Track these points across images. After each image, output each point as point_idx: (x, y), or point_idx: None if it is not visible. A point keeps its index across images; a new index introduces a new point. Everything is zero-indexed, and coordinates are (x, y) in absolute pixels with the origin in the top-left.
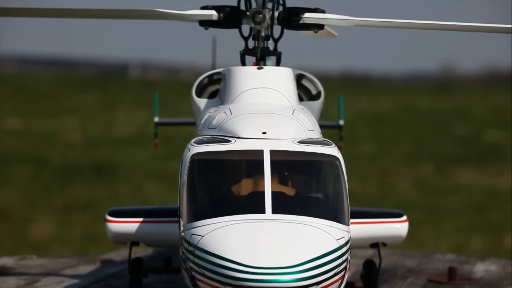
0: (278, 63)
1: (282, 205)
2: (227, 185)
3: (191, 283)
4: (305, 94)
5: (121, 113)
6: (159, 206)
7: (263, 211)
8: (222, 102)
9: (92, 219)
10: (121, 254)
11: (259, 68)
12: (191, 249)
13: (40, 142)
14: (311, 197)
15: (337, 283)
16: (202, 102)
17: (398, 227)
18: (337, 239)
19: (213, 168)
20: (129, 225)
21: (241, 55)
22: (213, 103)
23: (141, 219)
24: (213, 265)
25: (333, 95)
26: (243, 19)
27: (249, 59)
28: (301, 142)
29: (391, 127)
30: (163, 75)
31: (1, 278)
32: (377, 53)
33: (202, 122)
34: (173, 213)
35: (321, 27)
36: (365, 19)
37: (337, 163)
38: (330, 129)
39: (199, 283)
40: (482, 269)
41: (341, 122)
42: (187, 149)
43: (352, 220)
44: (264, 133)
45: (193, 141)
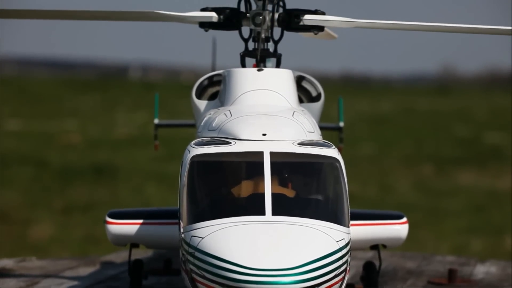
0: (278, 65)
1: (282, 207)
2: (227, 187)
3: (191, 285)
4: (305, 96)
5: (121, 115)
6: (159, 208)
7: (263, 213)
8: (222, 103)
9: (92, 221)
10: (121, 256)
11: (259, 70)
12: (191, 251)
13: (40, 143)
14: (311, 199)
15: (337, 285)
16: (202, 103)
17: (398, 229)
18: (337, 241)
19: (213, 170)
20: (129, 227)
21: (241, 57)
22: (213, 105)
23: (141, 221)
24: (213, 267)
25: (333, 97)
26: (243, 21)
27: (249, 61)
28: (301, 144)
29: (391, 128)
30: (163, 76)
31: (1, 279)
32: (377, 54)
33: (202, 123)
34: (173, 215)
35: (321, 29)
36: (365, 21)
37: (337, 164)
38: (330, 131)
39: (199, 285)
40: (482, 270)
41: (341, 123)
42: (187, 150)
43: (352, 222)
44: (264, 134)
45: (193, 142)
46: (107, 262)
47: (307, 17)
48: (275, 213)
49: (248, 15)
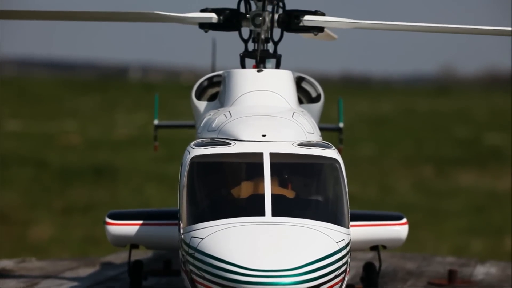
0: (278, 66)
1: (282, 208)
2: (227, 187)
3: (191, 285)
4: (305, 96)
5: (121, 116)
6: (159, 208)
7: (263, 214)
8: (222, 104)
9: (92, 221)
10: (120, 256)
11: (259, 70)
12: (191, 251)
13: (40, 144)
14: (311, 199)
15: (337, 286)
16: (202, 104)
17: (398, 230)
18: (337, 242)
19: (213, 170)
20: (128, 228)
21: (240, 57)
22: (213, 106)
23: (141, 222)
24: (213, 268)
25: (333, 98)
26: (243, 22)
27: (249, 61)
28: (301, 144)
29: (391, 129)
30: (163, 77)
31: (1, 280)
32: (377, 55)
33: (202, 124)
34: (173, 216)
35: (321, 29)
36: (365, 21)
37: (337, 165)
38: (330, 132)
39: (199, 286)
40: (482, 271)
41: (341, 124)
42: (186, 151)
43: (352, 222)
44: (264, 135)
45: (192, 143)
46: (107, 263)
47: (307, 17)
48: (275, 214)
49: (248, 16)
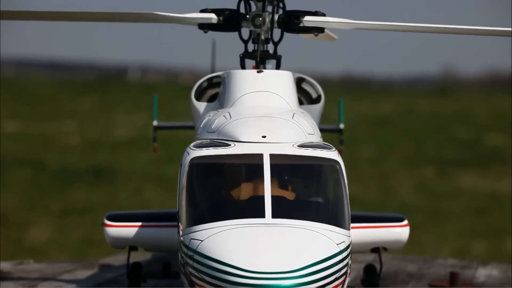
0: (278, 67)
1: (282, 210)
2: (227, 189)
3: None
4: (305, 97)
5: (120, 117)
6: (158, 210)
7: (263, 216)
8: (221, 105)
9: (90, 223)
10: (119, 258)
11: (258, 71)
12: (190, 253)
13: (38, 145)
14: (311, 201)
15: None
16: (201, 105)
17: (399, 232)
18: (338, 244)
19: (212, 172)
20: (127, 230)
21: (240, 58)
22: (213, 107)
23: (139, 224)
24: (213, 270)
25: (334, 99)
26: (243, 22)
27: (249, 62)
28: (301, 146)
29: (391, 130)
30: (162, 78)
31: None
32: (377, 56)
33: (201, 125)
34: (172, 218)
35: (321, 30)
36: (366, 22)
37: (338, 167)
38: (330, 133)
39: None
40: (484, 273)
41: (342, 125)
42: (186, 153)
43: (352, 224)
44: (264, 137)
45: (192, 145)
46: (106, 265)
47: (307, 18)
48: (275, 215)
49: (247, 16)
